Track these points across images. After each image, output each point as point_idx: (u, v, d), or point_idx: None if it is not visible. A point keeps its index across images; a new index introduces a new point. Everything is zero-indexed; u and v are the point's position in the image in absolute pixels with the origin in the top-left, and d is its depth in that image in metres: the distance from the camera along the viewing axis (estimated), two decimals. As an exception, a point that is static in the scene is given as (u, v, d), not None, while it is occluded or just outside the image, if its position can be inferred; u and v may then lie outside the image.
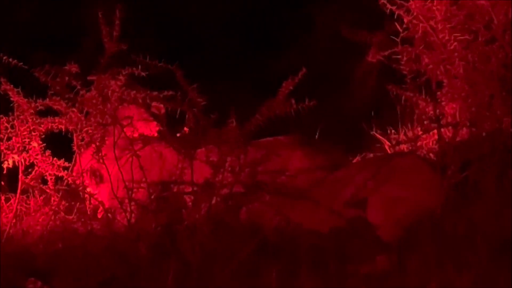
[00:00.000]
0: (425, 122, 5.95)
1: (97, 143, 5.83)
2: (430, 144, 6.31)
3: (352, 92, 6.86)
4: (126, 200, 5.64)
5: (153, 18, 8.35)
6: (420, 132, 6.17)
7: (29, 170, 6.00)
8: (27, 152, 5.93)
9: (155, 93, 5.69)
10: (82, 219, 5.81)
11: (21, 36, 8.04)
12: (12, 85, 5.86)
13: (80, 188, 5.95)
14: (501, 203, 5.34)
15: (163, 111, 6.19)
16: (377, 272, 5.12)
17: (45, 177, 5.97)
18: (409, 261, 5.01)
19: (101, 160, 5.85)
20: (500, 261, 4.89)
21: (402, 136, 6.70)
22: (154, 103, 5.98)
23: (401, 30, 5.97)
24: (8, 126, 5.94)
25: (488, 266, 4.86)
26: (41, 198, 6.06)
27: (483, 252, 4.95)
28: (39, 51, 7.51)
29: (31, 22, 8.34)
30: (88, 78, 5.87)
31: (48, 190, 5.97)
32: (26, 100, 5.90)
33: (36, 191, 6.05)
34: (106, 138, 5.85)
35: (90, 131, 5.90)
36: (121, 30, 5.96)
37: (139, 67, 5.71)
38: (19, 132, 5.92)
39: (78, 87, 5.86)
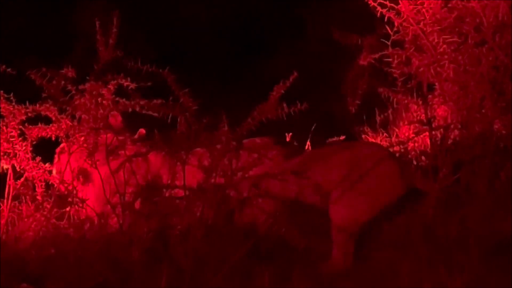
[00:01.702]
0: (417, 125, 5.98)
1: (90, 148, 5.83)
2: (422, 146, 6.32)
3: (344, 95, 6.85)
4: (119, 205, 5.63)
5: (145, 22, 8.35)
6: (412, 135, 6.19)
7: (20, 175, 5.99)
8: (17, 158, 5.92)
9: (145, 100, 5.70)
10: (74, 225, 5.80)
11: (13, 42, 8.03)
12: (2, 91, 5.86)
13: (71, 194, 5.93)
14: (493, 205, 5.35)
15: (119, 119, 6.18)
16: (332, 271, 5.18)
17: (35, 183, 5.96)
18: (402, 263, 5.02)
19: (93, 165, 5.85)
20: (492, 262, 4.91)
21: (393, 139, 6.71)
22: (112, 113, 5.99)
23: (391, 33, 5.98)
24: (-2, 132, 5.93)
25: (480, 268, 4.87)
26: (33, 204, 6.04)
27: (475, 254, 4.96)
28: (32, 56, 7.49)
29: (24, 28, 8.33)
30: (81, 87, 5.85)
31: (39, 197, 5.95)
32: (17, 106, 5.88)
33: (27, 197, 6.03)
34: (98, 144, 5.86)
35: (81, 137, 5.89)
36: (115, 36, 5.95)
37: (128, 76, 5.72)
38: (9, 138, 5.91)
39: (73, 91, 5.85)
